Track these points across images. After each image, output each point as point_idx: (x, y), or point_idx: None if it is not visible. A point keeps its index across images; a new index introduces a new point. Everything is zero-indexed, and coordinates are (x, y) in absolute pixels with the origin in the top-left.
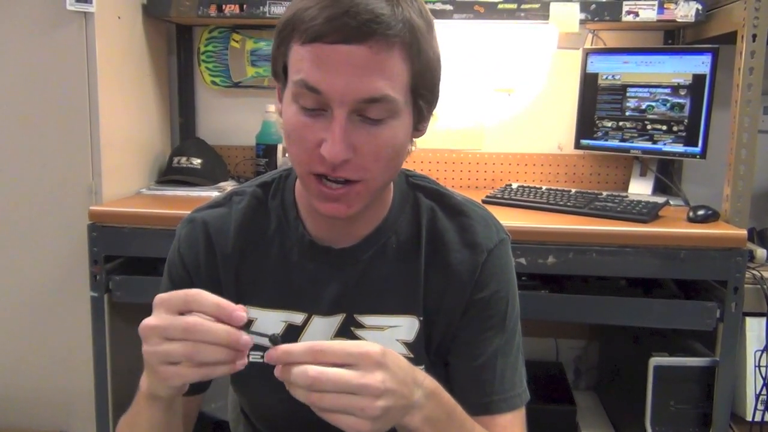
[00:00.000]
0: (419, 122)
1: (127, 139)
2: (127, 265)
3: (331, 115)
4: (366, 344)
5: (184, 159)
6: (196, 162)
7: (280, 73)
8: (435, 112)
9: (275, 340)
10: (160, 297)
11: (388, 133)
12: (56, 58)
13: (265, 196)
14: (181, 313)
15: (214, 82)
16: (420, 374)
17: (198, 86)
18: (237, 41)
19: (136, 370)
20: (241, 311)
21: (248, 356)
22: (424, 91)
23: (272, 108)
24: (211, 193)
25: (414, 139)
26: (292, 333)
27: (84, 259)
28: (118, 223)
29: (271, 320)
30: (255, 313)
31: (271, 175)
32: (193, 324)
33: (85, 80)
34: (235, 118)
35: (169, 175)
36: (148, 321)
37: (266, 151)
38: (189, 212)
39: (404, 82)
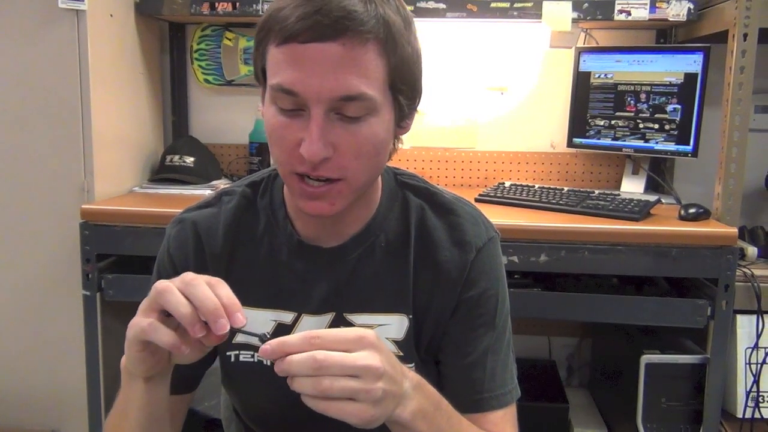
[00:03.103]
0: (401, 119)
1: (119, 138)
2: (119, 263)
3: (308, 115)
4: (360, 329)
5: (177, 157)
6: (189, 160)
7: (260, 76)
8: (419, 108)
9: (264, 338)
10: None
11: (367, 131)
12: (48, 56)
13: (254, 195)
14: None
15: (207, 81)
16: (405, 367)
17: (191, 84)
18: (230, 39)
19: None
20: (225, 320)
21: (239, 356)
22: (403, 87)
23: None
24: (204, 192)
25: (400, 137)
26: (282, 332)
27: (76, 257)
28: (110, 222)
29: (261, 320)
30: (244, 313)
31: (260, 175)
32: (192, 279)
33: (77, 79)
34: (228, 117)
35: (162, 174)
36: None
37: (259, 149)
38: (180, 211)
39: (381, 78)
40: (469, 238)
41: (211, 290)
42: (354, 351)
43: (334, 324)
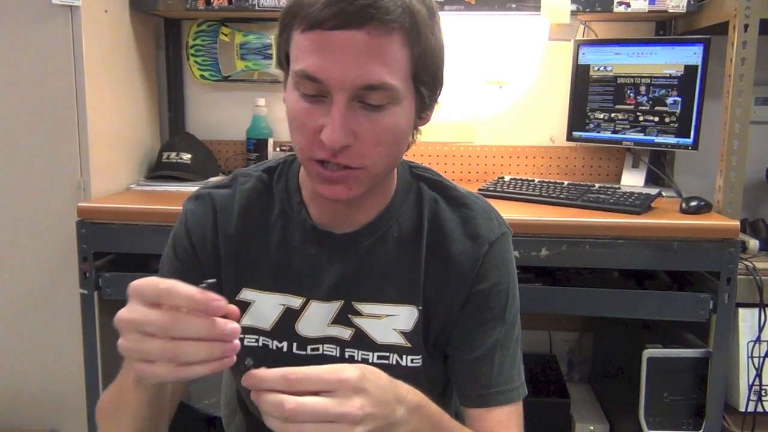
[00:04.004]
0: (422, 110)
1: (115, 135)
2: (116, 261)
3: (331, 101)
4: (343, 369)
5: (173, 154)
6: (186, 157)
7: (283, 61)
8: (438, 100)
9: (247, 367)
10: (134, 286)
11: (389, 120)
12: (42, 53)
13: (270, 180)
14: (156, 306)
15: (203, 77)
16: (403, 389)
17: (187, 80)
18: (226, 35)
19: None
20: (232, 323)
21: (243, 340)
22: (425, 78)
23: (262, 102)
24: None
25: (419, 128)
26: (290, 317)
27: (73, 256)
28: (107, 220)
29: (269, 303)
30: (253, 295)
31: (276, 161)
32: (172, 320)
33: (72, 75)
34: (224, 113)
35: (159, 171)
36: (123, 313)
37: (257, 145)
38: (179, 207)
39: (404, 68)
40: (482, 232)
41: (188, 315)
42: (334, 393)
43: (342, 312)
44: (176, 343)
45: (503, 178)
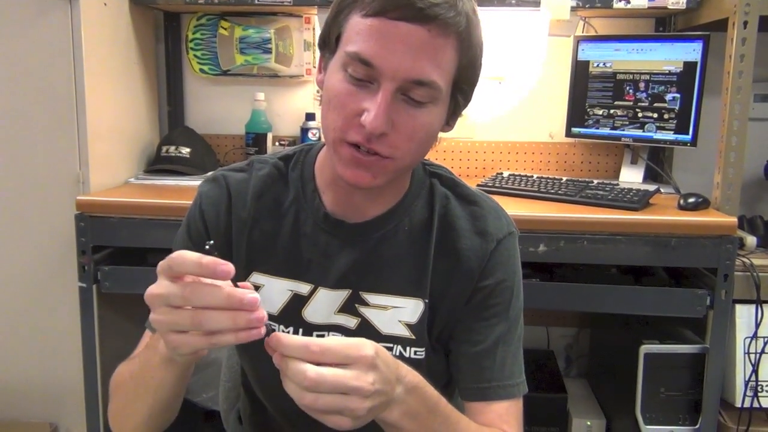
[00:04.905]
0: (451, 117)
1: (114, 128)
2: (115, 255)
3: (377, 88)
4: (362, 345)
5: (172, 148)
6: (185, 151)
7: (332, 41)
8: (464, 111)
9: (269, 330)
10: (160, 264)
11: (426, 118)
12: (41, 46)
13: (286, 167)
14: (178, 278)
15: (202, 70)
16: (403, 369)
17: (186, 74)
18: (225, 29)
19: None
20: (251, 293)
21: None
22: (464, 87)
23: (261, 96)
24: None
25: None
26: (297, 303)
27: (72, 249)
28: (106, 213)
29: (278, 288)
30: (262, 280)
31: (293, 149)
32: (192, 289)
33: (71, 69)
34: (224, 107)
35: (158, 165)
36: (151, 289)
37: (256, 140)
38: (177, 201)
39: (451, 72)
40: (490, 229)
41: (209, 286)
42: (350, 366)
43: (349, 301)
44: (201, 312)
45: (502, 173)
